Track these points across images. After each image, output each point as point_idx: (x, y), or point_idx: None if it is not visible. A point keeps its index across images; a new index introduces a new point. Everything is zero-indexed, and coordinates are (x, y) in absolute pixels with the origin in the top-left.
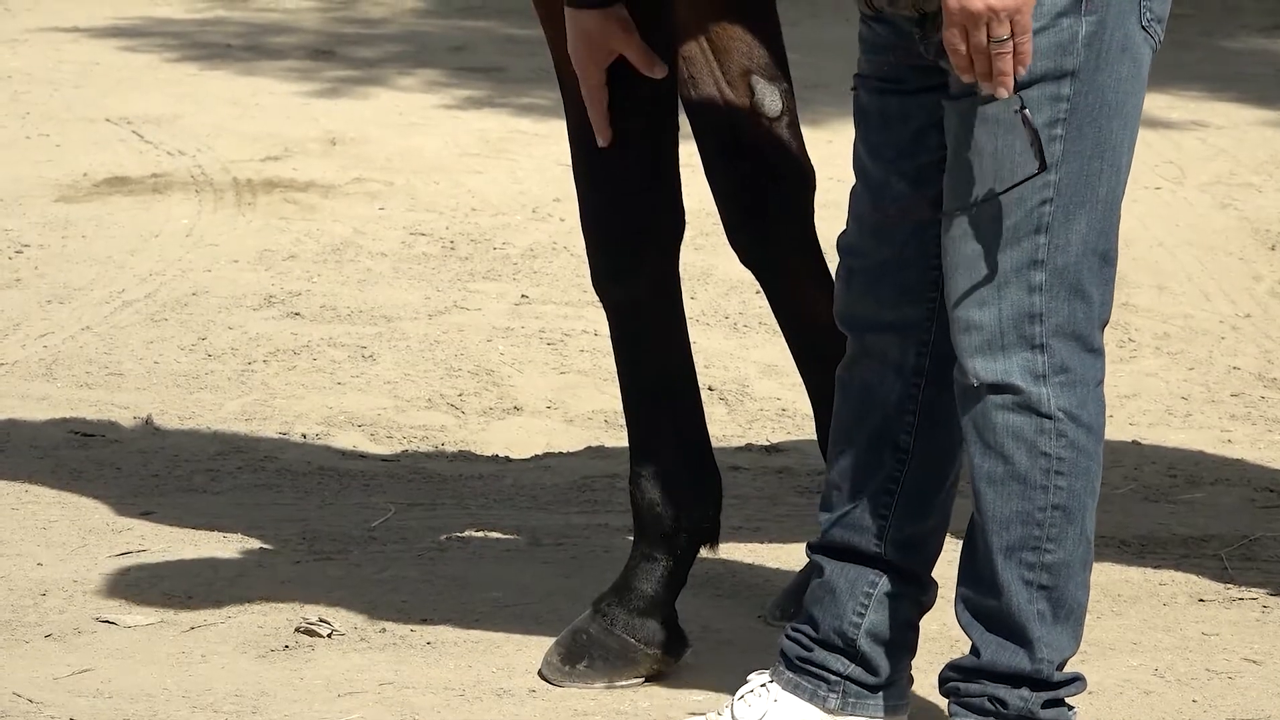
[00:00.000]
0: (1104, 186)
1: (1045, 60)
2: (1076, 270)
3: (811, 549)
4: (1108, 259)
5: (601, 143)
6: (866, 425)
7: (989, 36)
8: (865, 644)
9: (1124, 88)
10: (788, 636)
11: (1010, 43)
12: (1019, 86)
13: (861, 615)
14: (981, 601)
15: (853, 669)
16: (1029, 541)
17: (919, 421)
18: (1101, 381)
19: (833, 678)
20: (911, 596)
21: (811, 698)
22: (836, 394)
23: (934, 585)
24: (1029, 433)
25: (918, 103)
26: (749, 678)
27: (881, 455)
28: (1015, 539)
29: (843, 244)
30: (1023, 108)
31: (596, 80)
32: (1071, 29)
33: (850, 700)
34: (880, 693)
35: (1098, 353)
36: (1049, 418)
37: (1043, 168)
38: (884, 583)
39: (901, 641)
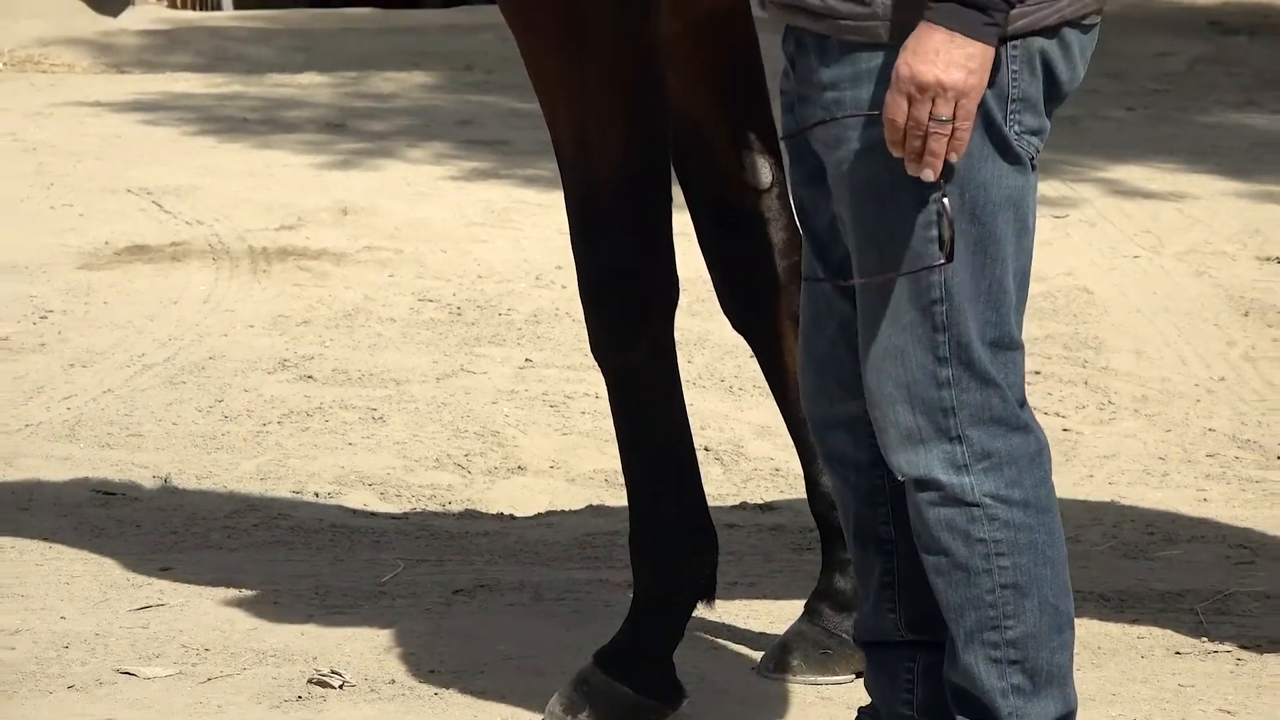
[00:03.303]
0: (987, 279)
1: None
2: (981, 361)
3: (856, 642)
4: (1001, 344)
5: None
6: (850, 524)
7: (931, 113)
8: (923, 717)
9: (1008, 183)
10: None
11: (950, 125)
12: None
13: (910, 694)
14: (955, 683)
15: None
16: (986, 623)
17: (893, 512)
18: (1039, 452)
19: None
20: (941, 656)
21: None
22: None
23: None
24: (961, 522)
25: (823, 191)
26: None
27: (870, 553)
28: (972, 623)
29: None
30: (943, 195)
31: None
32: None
33: None
34: None
35: (1024, 428)
36: (976, 505)
37: (949, 260)
38: (919, 662)
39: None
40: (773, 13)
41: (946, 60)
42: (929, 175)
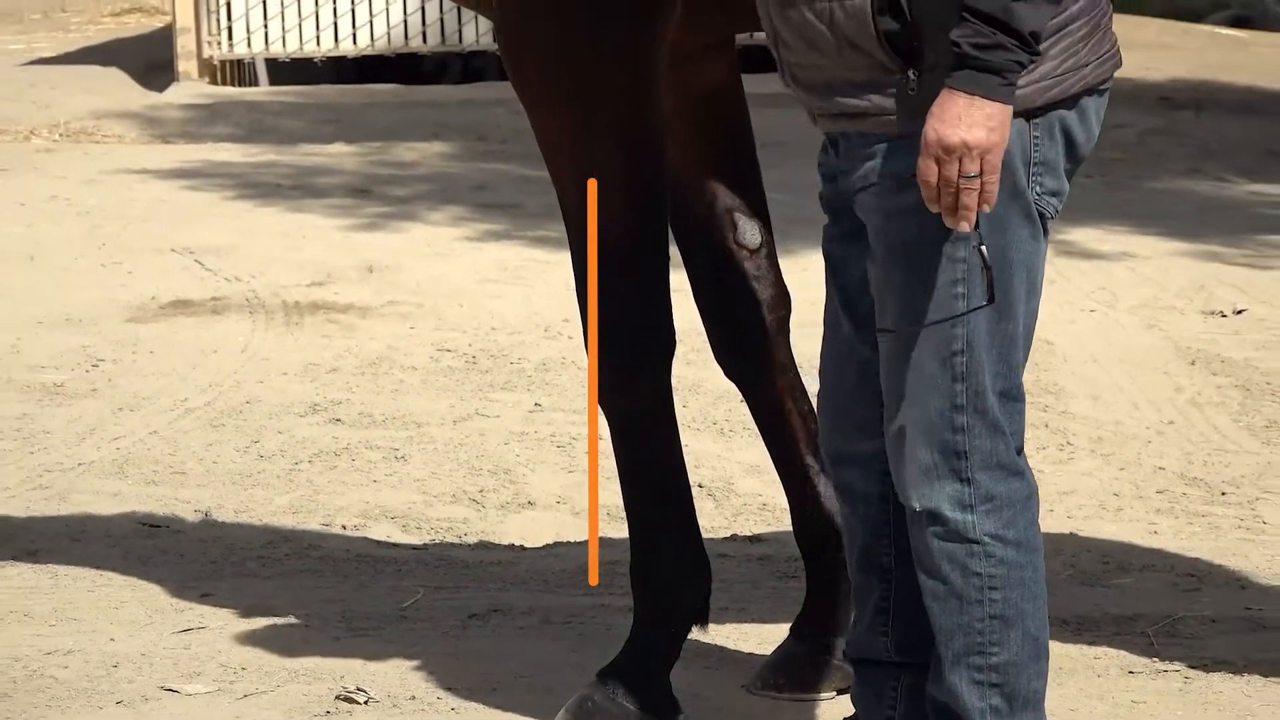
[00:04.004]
0: (1001, 334)
1: (935, 222)
2: (992, 410)
3: (846, 658)
4: (1009, 395)
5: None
6: (855, 552)
7: (960, 172)
8: None
9: (1025, 248)
10: None
11: (979, 180)
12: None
13: (894, 709)
14: (938, 700)
15: None
16: (973, 648)
17: (895, 544)
18: (1030, 495)
19: None
20: (925, 680)
21: None
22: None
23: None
24: (960, 556)
25: (860, 248)
26: None
27: (870, 579)
28: (960, 647)
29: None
30: (981, 243)
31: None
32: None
33: None
34: None
35: (1021, 474)
36: (976, 542)
37: (991, 301)
38: (904, 681)
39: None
40: (823, 125)
41: (969, 122)
42: (965, 227)
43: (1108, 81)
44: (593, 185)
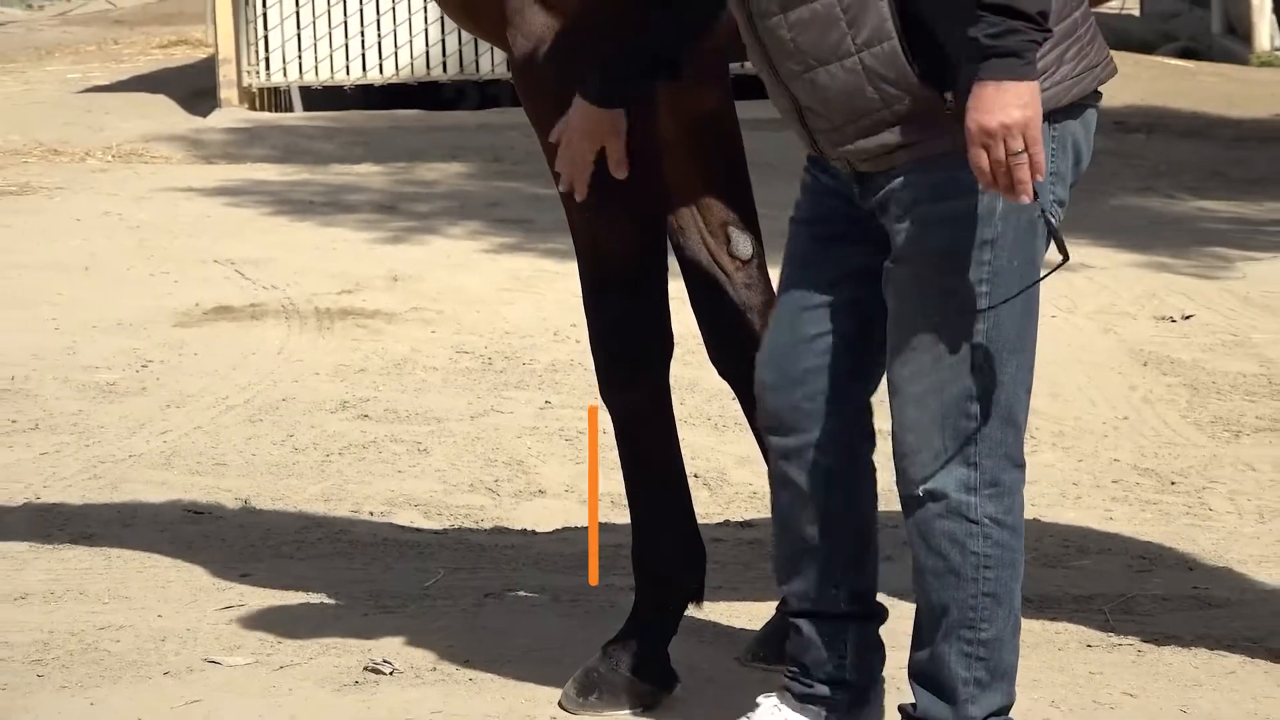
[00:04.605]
0: (1029, 334)
1: (967, 230)
2: (1009, 404)
3: (789, 614)
4: (1030, 390)
5: (577, 196)
6: (804, 514)
7: (1007, 151)
8: (853, 676)
9: (1039, 255)
10: (789, 677)
11: (1025, 155)
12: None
13: (844, 658)
14: (923, 666)
15: (848, 694)
16: (965, 622)
17: (847, 507)
18: (1023, 486)
19: (833, 703)
20: (873, 628)
21: (817, 717)
22: (776, 490)
23: (883, 609)
24: (960, 535)
25: (842, 251)
26: (759, 701)
27: (824, 539)
28: (954, 621)
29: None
30: (1043, 211)
31: (582, 163)
32: (990, 203)
33: (851, 713)
34: (869, 704)
35: (1021, 466)
36: (976, 523)
37: (1066, 258)
38: (854, 630)
39: (878, 660)
40: (866, 168)
41: (1002, 105)
42: (1025, 199)
43: (1099, 94)
44: (599, 201)
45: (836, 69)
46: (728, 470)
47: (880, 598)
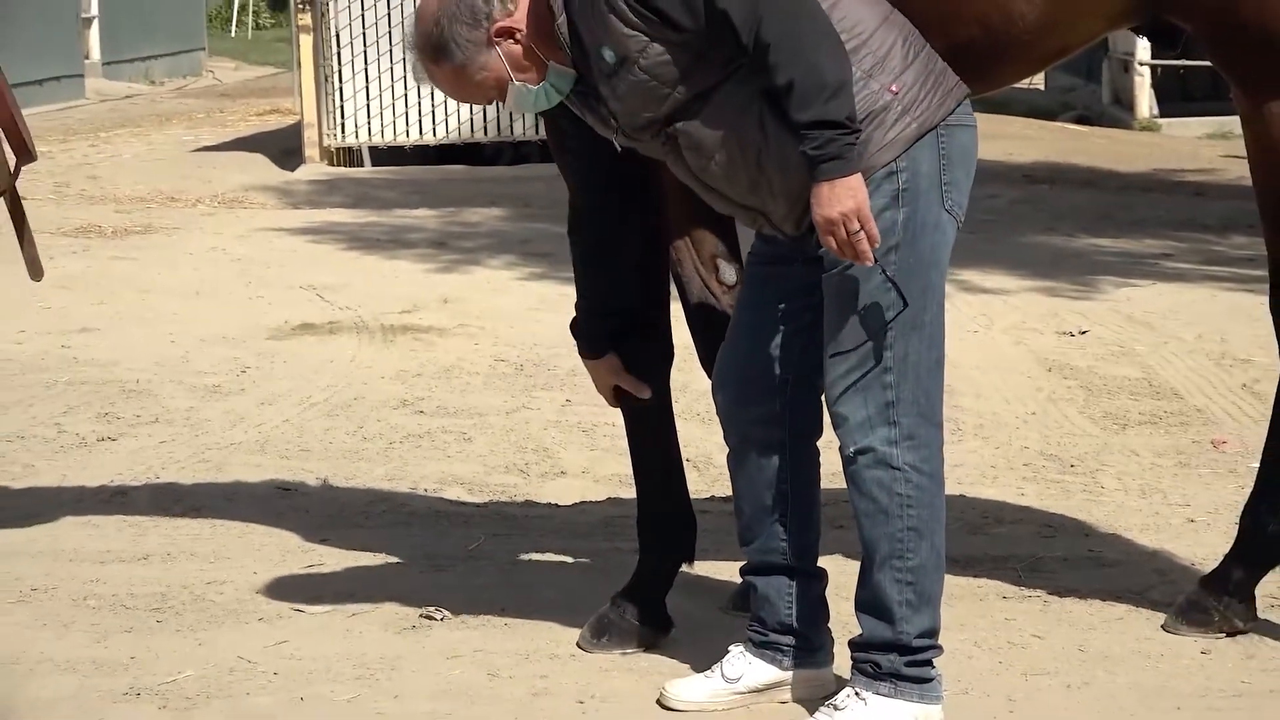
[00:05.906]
0: (928, 314)
1: (881, 240)
2: (915, 372)
3: (744, 571)
4: (938, 362)
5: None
6: (756, 486)
7: (847, 232)
8: (799, 625)
9: (937, 249)
10: (749, 629)
11: (861, 232)
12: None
13: (790, 608)
14: (865, 596)
15: (796, 641)
16: (895, 552)
17: (792, 476)
18: (941, 445)
19: (785, 648)
20: (815, 584)
21: (773, 661)
22: (736, 465)
23: (825, 572)
24: (886, 480)
25: (794, 271)
26: (729, 649)
27: (774, 504)
28: (885, 552)
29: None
30: (884, 270)
31: (608, 393)
32: (891, 217)
33: (799, 660)
34: (818, 651)
35: (938, 426)
36: (899, 470)
37: (905, 305)
38: (797, 583)
39: (821, 614)
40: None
41: (837, 199)
42: (868, 263)
43: (965, 102)
44: None
45: (766, 180)
46: (713, 455)
47: (835, 559)
